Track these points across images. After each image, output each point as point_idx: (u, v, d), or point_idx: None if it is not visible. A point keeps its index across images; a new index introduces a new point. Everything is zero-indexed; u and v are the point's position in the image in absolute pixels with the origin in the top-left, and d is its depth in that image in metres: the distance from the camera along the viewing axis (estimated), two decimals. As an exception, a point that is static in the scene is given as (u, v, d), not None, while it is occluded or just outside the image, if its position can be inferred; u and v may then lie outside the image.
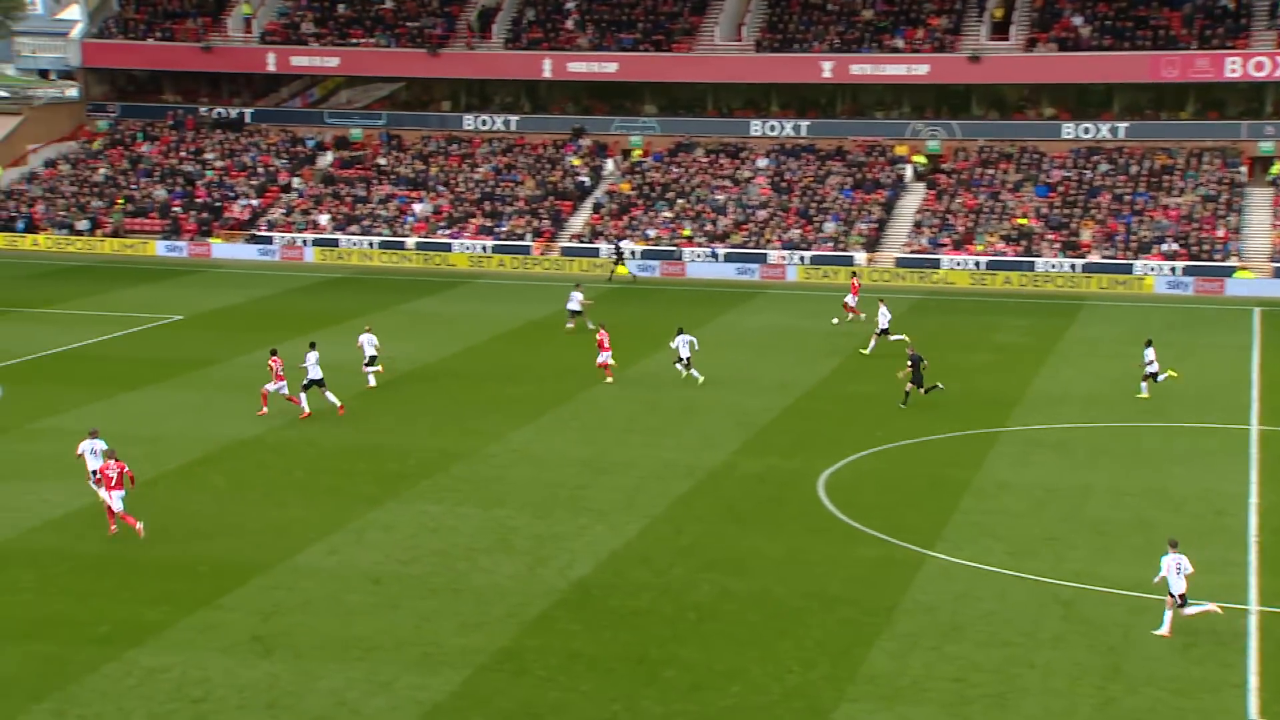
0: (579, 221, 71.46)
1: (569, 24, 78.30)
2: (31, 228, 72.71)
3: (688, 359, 42.70)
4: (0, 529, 29.55)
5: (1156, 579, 24.68)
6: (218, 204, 73.98)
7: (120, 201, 74.18)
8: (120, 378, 43.20)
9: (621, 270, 64.20)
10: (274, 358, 38.57)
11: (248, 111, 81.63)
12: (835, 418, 39.86)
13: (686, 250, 67.33)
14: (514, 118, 78.65)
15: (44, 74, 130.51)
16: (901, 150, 73.06)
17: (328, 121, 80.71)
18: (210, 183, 75.90)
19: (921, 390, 40.08)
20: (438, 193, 73.84)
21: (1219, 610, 24.51)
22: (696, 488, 33.17)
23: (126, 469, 29.03)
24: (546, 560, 28.15)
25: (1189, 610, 24.25)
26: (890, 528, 30.15)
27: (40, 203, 74.64)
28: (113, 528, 29.15)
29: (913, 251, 66.15)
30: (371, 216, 71.99)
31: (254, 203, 74.02)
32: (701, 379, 42.43)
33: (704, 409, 40.35)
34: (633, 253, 67.03)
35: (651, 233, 68.99)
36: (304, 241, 70.17)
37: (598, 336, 43.69)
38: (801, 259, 66.11)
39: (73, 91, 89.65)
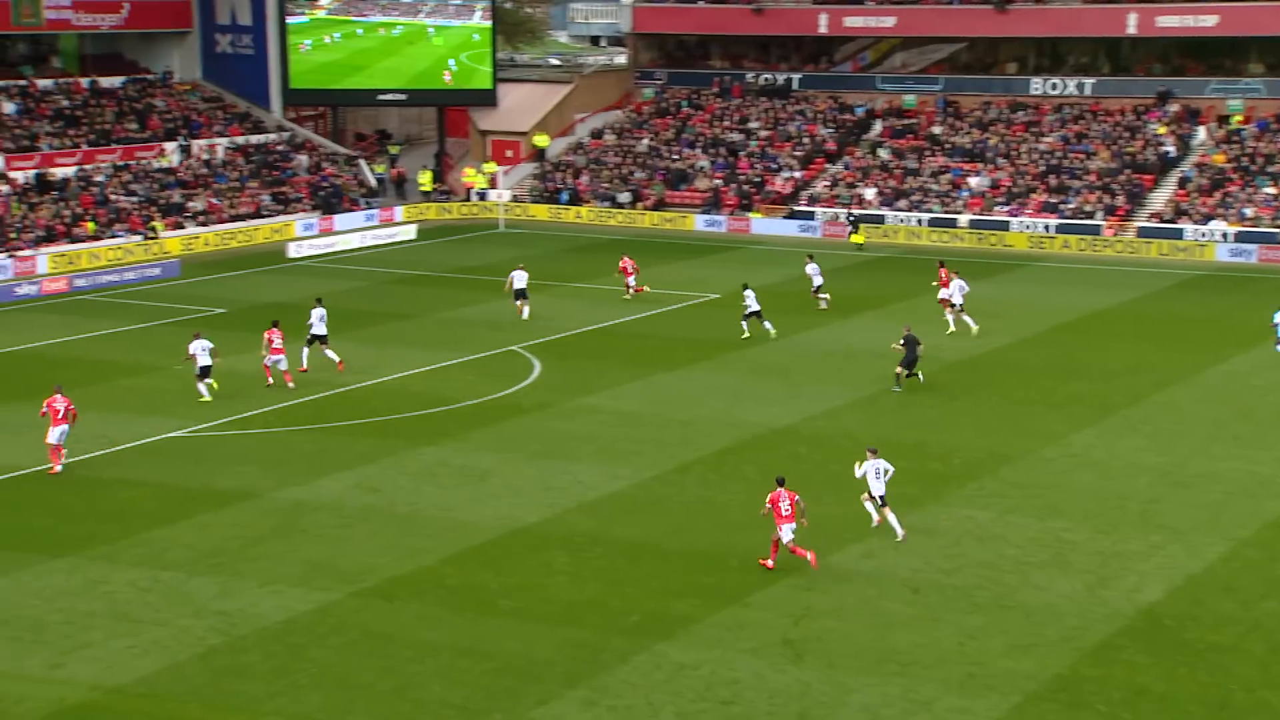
0: (1161, 198, 68.43)
1: (1157, -29, 75.09)
2: (575, 199, 77.69)
3: (757, 311, 47.06)
4: (537, 509, 31.77)
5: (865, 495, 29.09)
6: (759, 177, 76.28)
7: (663, 172, 77.93)
8: (656, 357, 45.42)
9: (857, 238, 67.18)
10: (273, 329, 41.38)
11: (795, 77, 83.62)
12: None
13: (1291, 232, 63.10)
14: (1089, 80, 76.33)
15: (595, 41, 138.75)
16: None
17: (879, 87, 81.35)
18: (753, 153, 78.36)
19: (907, 374, 40.66)
20: (996, 165, 72.82)
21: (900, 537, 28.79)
22: (1295, 510, 31.08)
23: (72, 405, 33.53)
24: (1109, 581, 27.21)
25: (890, 514, 28.98)
26: None
27: (585, 174, 79.64)
28: (56, 467, 33.51)
29: None
30: (922, 191, 71.97)
31: (797, 175, 75.78)
32: (774, 331, 47.00)
33: (1307, 419, 37.73)
34: (1224, 235, 63.65)
35: (1249, 212, 65.09)
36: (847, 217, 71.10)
37: (621, 263, 54.00)
38: None
39: (621, 59, 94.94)
